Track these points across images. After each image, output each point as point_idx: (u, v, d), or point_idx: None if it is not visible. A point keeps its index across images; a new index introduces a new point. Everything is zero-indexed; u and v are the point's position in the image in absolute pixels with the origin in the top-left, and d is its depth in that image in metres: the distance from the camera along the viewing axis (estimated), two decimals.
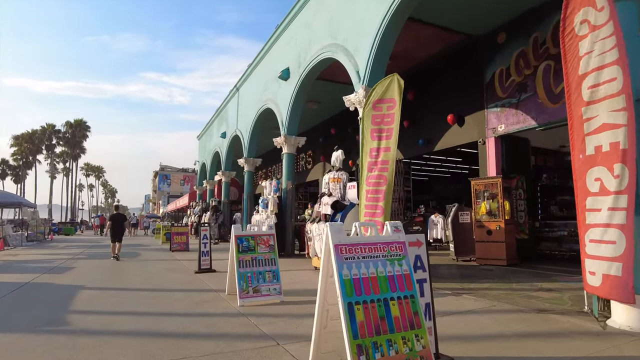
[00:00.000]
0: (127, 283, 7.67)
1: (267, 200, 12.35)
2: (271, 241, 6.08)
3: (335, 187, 8.42)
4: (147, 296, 6.28)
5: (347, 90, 14.94)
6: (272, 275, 5.83)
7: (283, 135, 13.09)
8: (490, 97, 10.44)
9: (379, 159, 7.29)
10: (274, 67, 14.48)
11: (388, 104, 7.35)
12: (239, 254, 5.79)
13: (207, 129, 27.61)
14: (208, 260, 9.07)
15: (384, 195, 7.08)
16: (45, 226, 23.80)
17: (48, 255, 13.86)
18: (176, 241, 15.03)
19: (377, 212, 7.12)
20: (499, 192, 9.43)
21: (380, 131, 7.38)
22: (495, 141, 10.32)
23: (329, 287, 3.07)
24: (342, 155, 8.73)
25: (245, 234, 5.99)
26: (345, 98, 9.13)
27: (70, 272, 9.14)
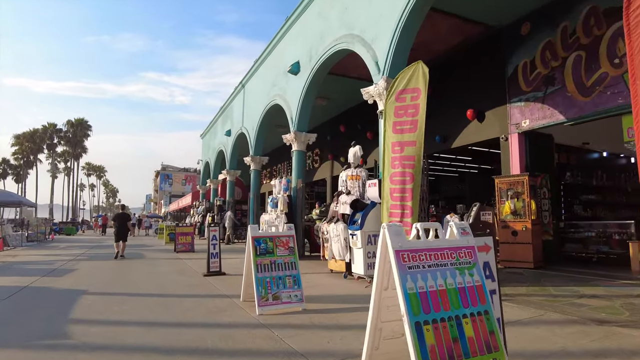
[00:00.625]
0: (132, 287, 7.16)
1: (276, 199, 11.84)
2: (291, 243, 5.57)
3: (353, 185, 7.90)
4: (154, 303, 5.76)
5: (358, 85, 14.39)
6: (292, 281, 5.31)
7: (293, 131, 12.57)
8: (513, 91, 9.91)
9: (403, 154, 6.77)
10: (282, 61, 13.97)
11: (412, 94, 6.83)
12: (257, 256, 5.28)
13: (210, 127, 27.11)
14: (217, 263, 8.56)
15: (411, 194, 6.56)
16: (45, 226, 23.30)
17: (48, 256, 13.36)
18: (181, 242, 14.52)
19: (406, 212, 6.60)
20: (525, 190, 8.91)
21: (403, 124, 6.86)
22: (519, 137, 9.79)
23: (383, 301, 2.56)
24: (360, 151, 8.22)
25: (263, 234, 5.48)
26: (363, 90, 8.61)
27: (71, 275, 8.63)
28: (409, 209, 6.57)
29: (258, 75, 17.02)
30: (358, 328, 4.17)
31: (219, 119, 24.32)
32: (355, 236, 7.11)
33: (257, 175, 17.24)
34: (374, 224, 7.12)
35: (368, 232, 7.09)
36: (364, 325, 2.75)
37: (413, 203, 6.53)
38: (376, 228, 7.13)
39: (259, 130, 16.46)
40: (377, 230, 7.12)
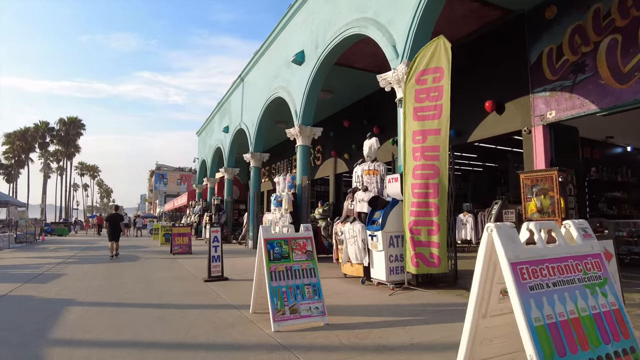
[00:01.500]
0: (126, 295, 6.37)
1: (280, 197, 11.08)
2: (309, 246, 4.82)
3: (370, 180, 7.16)
4: (151, 315, 4.99)
5: (364, 77, 13.79)
6: (312, 290, 4.56)
7: (297, 125, 11.81)
8: (537, 80, 9.21)
9: (425, 144, 6.05)
10: (286, 51, 13.20)
11: (434, 74, 6.11)
12: (270, 262, 4.53)
13: (207, 124, 26.27)
14: (219, 267, 7.80)
15: (437, 190, 5.85)
16: (35, 226, 22.37)
17: (36, 259, 12.51)
18: (177, 243, 13.72)
19: (431, 210, 5.88)
20: (554, 186, 8.20)
21: (425, 109, 6.13)
22: (544, 130, 9.09)
23: (481, 332, 1.80)
24: (376, 143, 7.49)
25: (277, 236, 4.73)
26: (380, 77, 7.87)
27: (58, 281, 7.83)
28: (434, 207, 5.86)
29: (258, 67, 16.24)
30: (402, 351, 3.43)
31: (216, 115, 23.50)
32: (375, 237, 6.38)
33: (257, 172, 16.47)
34: (396, 224, 6.39)
35: (390, 233, 6.35)
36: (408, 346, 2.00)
37: (439, 200, 5.83)
38: (399, 228, 6.40)
39: (259, 126, 15.70)
40: (400, 231, 6.39)
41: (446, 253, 5.88)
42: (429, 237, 5.88)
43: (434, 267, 5.88)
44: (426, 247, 5.92)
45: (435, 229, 5.83)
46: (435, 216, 5.84)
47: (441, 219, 5.80)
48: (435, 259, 5.84)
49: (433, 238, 5.84)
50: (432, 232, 5.87)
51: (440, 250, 5.82)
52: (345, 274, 7.49)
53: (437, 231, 5.82)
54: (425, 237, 5.93)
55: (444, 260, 5.85)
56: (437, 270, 5.93)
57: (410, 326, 4.28)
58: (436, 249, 5.84)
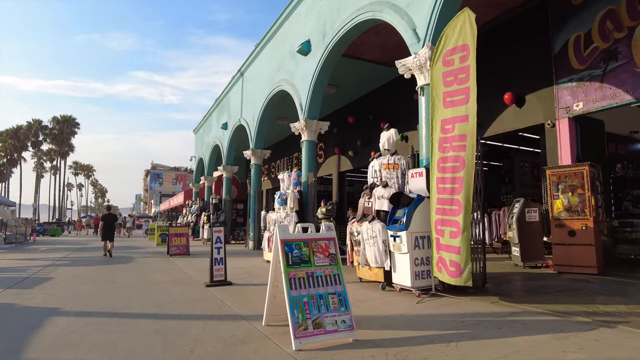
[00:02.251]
0: (120, 303, 5.68)
1: (285, 195, 10.41)
2: (332, 248, 4.16)
3: (390, 175, 6.51)
4: (149, 329, 4.31)
5: (372, 70, 13.14)
6: (338, 300, 3.90)
7: (303, 119, 11.15)
8: (562, 70, 8.61)
9: (454, 133, 5.40)
10: (290, 42, 12.54)
11: (461, 53, 5.45)
12: (289, 267, 3.86)
13: (204, 121, 25.54)
14: (222, 270, 7.13)
15: (462, 185, 5.19)
16: (26, 226, 21.55)
17: (24, 261, 11.77)
18: (175, 244, 13.03)
19: (454, 208, 5.22)
20: (585, 183, 7.60)
21: (454, 94, 5.48)
22: (569, 123, 8.50)
23: None
24: (396, 135, 6.83)
25: (295, 237, 4.07)
26: (399, 62, 7.22)
27: (44, 286, 7.12)
28: (457, 204, 5.20)
29: (259, 61, 15.55)
30: None
31: (214, 111, 22.78)
32: (398, 238, 5.73)
33: (258, 170, 15.79)
34: (422, 223, 5.74)
35: (415, 234, 5.70)
36: None
37: (463, 196, 5.16)
38: (425, 228, 5.76)
39: (261, 121, 15.01)
40: (427, 231, 5.75)
41: (469, 262, 5.05)
42: (451, 240, 5.20)
43: (454, 277, 5.16)
44: (447, 251, 5.25)
45: (457, 230, 5.15)
46: (457, 215, 5.18)
47: (464, 218, 5.10)
48: (454, 267, 5.14)
49: (454, 242, 5.15)
50: (453, 234, 5.18)
51: (461, 258, 5.07)
52: (360, 278, 6.83)
53: (458, 233, 5.12)
54: (447, 239, 5.26)
55: (466, 270, 5.02)
56: (455, 282, 5.14)
57: (455, 342, 3.63)
58: (456, 255, 5.11)
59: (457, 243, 5.09)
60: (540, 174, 17.22)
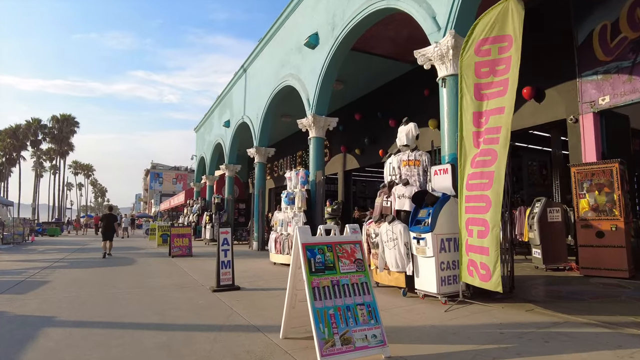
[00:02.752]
0: (120, 310, 5.24)
1: (293, 194, 9.97)
2: (358, 253, 3.72)
3: (411, 172, 6.07)
4: (154, 341, 3.87)
5: (381, 65, 12.68)
6: (367, 312, 3.46)
7: (311, 115, 10.71)
8: (586, 62, 8.17)
9: (488, 126, 4.98)
10: (296, 35, 12.10)
11: (500, 43, 5.03)
12: (312, 275, 3.42)
13: (206, 119, 25.09)
14: (230, 274, 6.69)
15: (491, 180, 4.76)
16: (24, 226, 21.09)
17: (21, 262, 11.32)
18: (177, 244, 12.57)
19: (481, 205, 4.79)
20: (614, 181, 7.16)
21: (490, 86, 5.05)
22: (594, 118, 8.06)
23: None
24: (415, 129, 6.39)
25: (318, 241, 3.62)
26: (418, 52, 6.77)
27: (40, 291, 6.68)
28: (486, 201, 4.76)
29: (263, 56, 15.11)
30: None
31: (216, 109, 22.33)
32: (422, 241, 5.29)
33: (262, 168, 15.35)
34: (449, 224, 5.31)
35: (441, 235, 5.26)
36: None
37: (492, 192, 4.73)
38: (451, 229, 5.33)
39: (265, 118, 14.57)
40: (454, 233, 5.31)
41: (498, 264, 4.59)
42: (480, 240, 4.77)
43: (485, 281, 4.71)
44: (477, 253, 4.81)
45: (485, 229, 4.71)
46: (485, 212, 4.74)
47: (493, 216, 4.65)
48: (485, 270, 4.70)
49: (483, 242, 4.72)
50: (482, 233, 4.75)
51: (490, 259, 4.62)
52: (377, 282, 6.39)
53: (486, 232, 4.68)
54: (476, 240, 4.82)
55: (495, 273, 4.55)
56: (486, 285, 4.69)
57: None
58: (486, 256, 4.67)
59: (485, 243, 4.66)
60: (551, 172, 16.86)
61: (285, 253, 9.54)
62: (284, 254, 9.60)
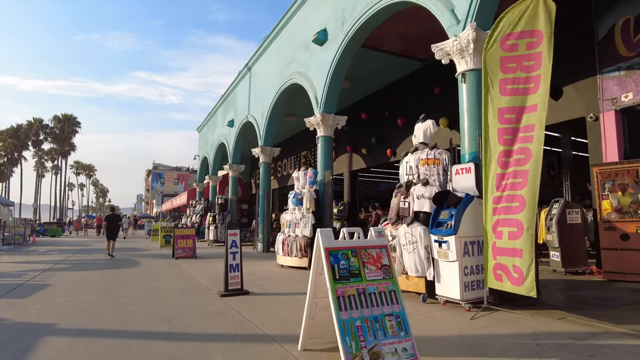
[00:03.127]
0: (126, 317, 4.96)
1: (301, 194, 9.68)
2: (384, 258, 3.43)
3: (430, 172, 5.78)
4: (163, 353, 3.59)
5: (389, 63, 12.40)
6: (396, 323, 3.17)
7: (319, 113, 10.42)
8: (607, 58, 7.88)
9: (520, 124, 4.70)
10: (304, 32, 11.82)
11: (528, 39, 4.78)
12: (336, 282, 3.13)
13: (209, 119, 24.82)
14: (238, 277, 6.40)
15: (526, 179, 4.48)
16: (25, 227, 20.83)
17: (21, 264, 11.05)
18: (180, 246, 12.30)
19: (514, 205, 4.51)
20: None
21: (517, 81, 4.79)
22: (616, 116, 7.75)
23: None
24: (433, 127, 6.10)
25: (341, 245, 3.33)
26: (436, 46, 6.47)
27: (40, 295, 6.40)
28: (520, 201, 4.49)
29: (269, 54, 14.83)
30: None
31: (219, 108, 22.06)
32: (445, 244, 4.99)
33: (267, 168, 15.06)
34: (472, 226, 5.02)
35: (464, 238, 4.97)
36: None
37: (527, 191, 4.46)
38: (475, 232, 5.03)
39: (270, 117, 14.28)
40: (478, 235, 5.02)
41: (532, 266, 4.31)
42: (512, 242, 4.48)
43: (516, 286, 4.43)
44: (508, 255, 4.52)
45: (518, 230, 4.44)
46: (519, 213, 4.46)
47: (527, 217, 4.38)
48: (517, 273, 4.41)
49: (516, 244, 4.43)
50: (514, 234, 4.47)
51: (523, 262, 4.34)
52: None
53: (519, 233, 4.41)
54: (506, 242, 4.54)
55: (529, 277, 4.28)
56: (518, 290, 4.40)
57: None
58: (519, 259, 4.39)
59: (518, 244, 4.38)
60: (559, 173, 16.53)
61: (294, 255, 9.25)
62: (291, 256, 9.31)
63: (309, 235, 9.18)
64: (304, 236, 9.21)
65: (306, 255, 9.05)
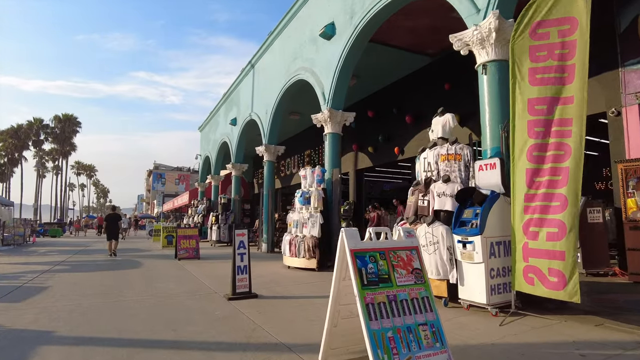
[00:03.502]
0: (127, 324, 4.63)
1: (308, 193, 9.35)
2: (415, 261, 3.11)
3: (451, 168, 5.45)
4: None
5: (397, 58, 12.07)
6: (431, 333, 2.84)
7: (327, 109, 10.10)
8: (630, 50, 7.54)
9: (553, 117, 4.36)
10: (310, 26, 11.50)
11: (561, 26, 4.47)
12: (364, 288, 2.80)
13: (211, 118, 24.50)
14: (247, 280, 6.08)
15: (566, 177, 4.14)
16: (25, 227, 20.53)
17: (19, 265, 10.74)
18: (183, 247, 11.98)
19: (556, 205, 4.17)
20: None
21: (548, 70, 4.47)
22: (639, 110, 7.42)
23: None
24: (453, 120, 5.77)
25: (369, 247, 3.00)
26: (454, 37, 6.14)
27: (38, 298, 6.08)
28: (561, 200, 4.16)
29: (273, 50, 14.50)
30: None
31: (222, 107, 21.74)
32: (470, 245, 4.67)
33: (271, 167, 14.73)
34: (499, 226, 4.69)
35: (491, 239, 4.64)
36: None
37: (569, 190, 4.12)
38: (501, 232, 4.71)
39: (275, 115, 13.96)
40: (504, 235, 4.70)
41: (575, 270, 3.99)
42: (550, 243, 4.15)
43: (554, 290, 4.09)
44: (544, 258, 4.19)
45: (560, 231, 4.11)
46: (560, 213, 4.13)
47: (569, 217, 4.06)
48: (556, 277, 4.08)
49: (556, 245, 4.10)
50: (553, 235, 4.14)
51: (566, 265, 4.02)
52: None
53: (562, 234, 4.08)
54: (543, 243, 4.21)
55: (572, 281, 3.96)
56: (557, 295, 4.07)
57: None
58: (560, 262, 4.07)
59: (559, 246, 4.05)
60: None
61: (301, 256, 8.93)
62: (299, 257, 8.98)
63: (317, 236, 8.87)
64: (312, 236, 8.89)
65: (314, 256, 8.73)
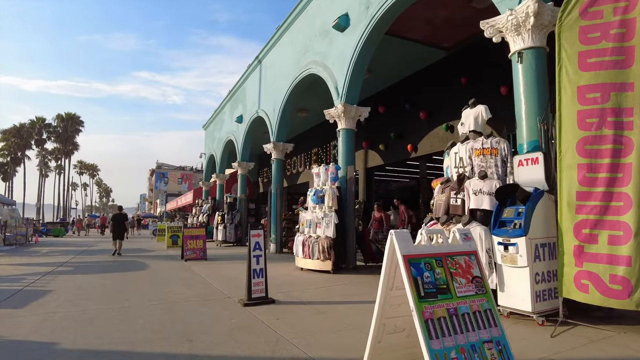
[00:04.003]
0: (137, 334, 4.23)
1: (322, 192, 8.93)
2: (474, 268, 2.68)
3: (487, 163, 5.02)
4: None
5: (412, 51, 11.60)
6: (497, 352, 2.43)
7: (341, 104, 9.68)
8: None
9: (608, 105, 3.93)
10: (321, 19, 11.08)
11: (617, 3, 4.02)
12: (422, 301, 2.38)
13: (215, 116, 24.11)
14: (263, 284, 5.67)
15: (629, 173, 3.72)
16: (27, 227, 20.17)
17: (21, 266, 10.35)
18: (190, 247, 11.58)
19: (618, 205, 3.74)
20: None
21: (602, 53, 4.02)
22: None
23: None
24: (486, 112, 5.34)
25: (423, 252, 2.58)
26: (486, 22, 5.70)
27: (39, 304, 5.68)
28: (624, 199, 3.73)
29: (282, 44, 14.08)
30: None
31: (227, 104, 21.33)
32: (512, 247, 4.24)
33: (279, 165, 14.33)
34: (545, 226, 4.28)
35: (536, 240, 4.22)
36: None
37: (632, 188, 3.69)
38: (547, 232, 4.28)
39: (283, 111, 13.54)
40: (549, 237, 4.28)
41: None
42: (612, 247, 3.73)
43: (618, 298, 3.67)
44: (604, 263, 3.77)
45: (625, 234, 3.68)
46: (624, 213, 3.70)
47: (635, 219, 3.63)
48: (620, 284, 3.65)
49: (620, 250, 3.68)
50: (616, 239, 3.71)
51: (632, 271, 3.60)
52: None
53: (627, 238, 3.66)
54: (604, 247, 3.78)
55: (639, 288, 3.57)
56: (623, 304, 3.64)
57: None
58: (624, 267, 3.64)
59: (623, 251, 3.62)
60: None
61: (315, 258, 8.52)
62: (313, 259, 8.57)
63: (332, 236, 8.45)
64: (327, 237, 8.47)
65: (329, 257, 8.32)
